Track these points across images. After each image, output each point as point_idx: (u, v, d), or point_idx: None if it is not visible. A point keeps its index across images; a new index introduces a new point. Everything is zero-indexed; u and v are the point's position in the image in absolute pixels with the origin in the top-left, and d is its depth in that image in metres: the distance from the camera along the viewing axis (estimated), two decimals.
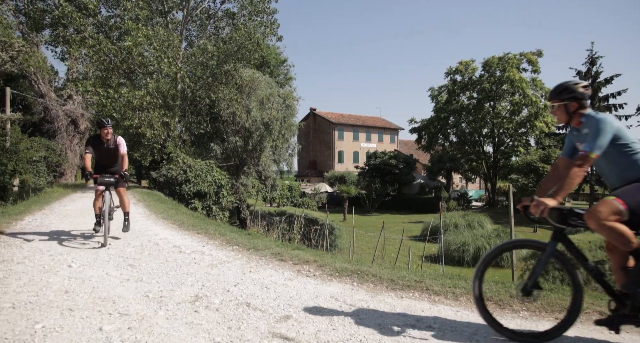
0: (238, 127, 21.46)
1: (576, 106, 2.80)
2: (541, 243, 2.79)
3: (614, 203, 2.55)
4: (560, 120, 2.89)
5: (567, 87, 2.81)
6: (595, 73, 28.80)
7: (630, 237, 2.52)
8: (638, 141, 2.72)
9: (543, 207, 2.57)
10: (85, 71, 20.99)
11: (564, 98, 2.80)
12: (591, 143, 2.62)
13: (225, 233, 6.54)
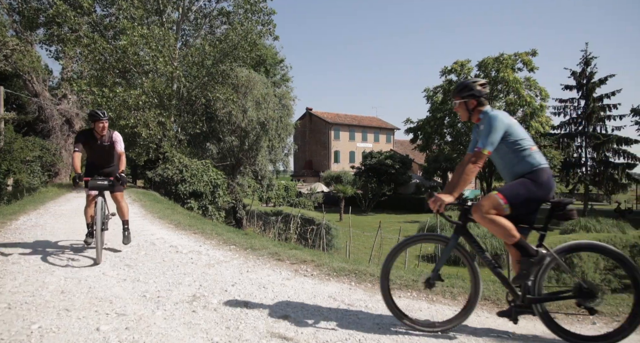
0: (234, 127, 21.41)
1: (475, 103, 2.90)
2: (444, 237, 2.94)
3: (495, 198, 2.69)
4: (462, 117, 3.00)
5: (466, 85, 2.92)
6: (589, 73, 28.99)
7: (511, 230, 2.68)
8: (529, 138, 2.84)
9: (440, 203, 2.68)
10: (80, 70, 20.85)
11: (464, 96, 2.91)
12: (484, 139, 2.73)
13: (222, 233, 6.52)
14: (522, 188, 2.69)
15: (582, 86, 29.27)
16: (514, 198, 2.67)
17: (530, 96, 34.65)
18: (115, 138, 4.92)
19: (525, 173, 2.75)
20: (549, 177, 2.73)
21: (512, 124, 2.79)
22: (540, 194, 2.69)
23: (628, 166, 27.88)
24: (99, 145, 4.84)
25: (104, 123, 4.74)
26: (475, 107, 2.91)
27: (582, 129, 29.45)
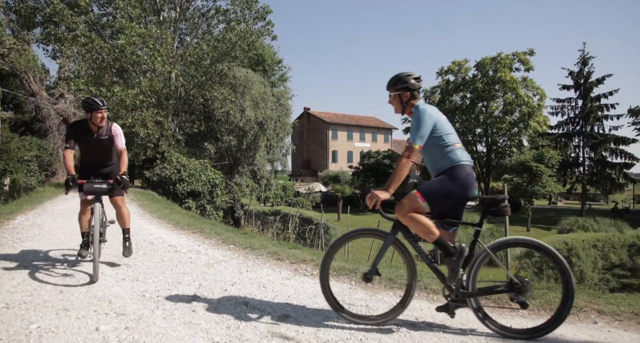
0: (232, 126, 21.37)
1: (408, 95, 2.93)
2: (383, 232, 3.00)
3: (414, 197, 2.76)
4: (397, 110, 3.02)
5: (400, 78, 2.93)
6: (587, 73, 29.06)
7: (430, 227, 2.74)
8: (454, 134, 2.88)
9: (375, 199, 2.73)
10: (77, 70, 20.74)
11: (398, 88, 2.93)
12: (413, 133, 2.76)
13: (221, 232, 6.49)
14: (438, 185, 2.76)
15: (579, 86, 29.34)
16: (431, 195, 2.74)
17: (527, 96, 34.79)
18: (115, 131, 4.13)
19: (445, 168, 2.81)
20: (468, 174, 2.77)
21: (439, 118, 2.83)
22: (457, 191, 2.73)
23: (625, 165, 27.96)
24: (95, 140, 4.06)
25: (102, 113, 3.98)
26: (408, 100, 2.94)
27: (580, 128, 29.52)
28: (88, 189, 3.85)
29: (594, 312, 3.17)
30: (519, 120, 35.23)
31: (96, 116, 3.96)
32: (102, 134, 4.08)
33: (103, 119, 4.01)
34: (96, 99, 3.95)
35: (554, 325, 2.66)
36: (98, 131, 4.07)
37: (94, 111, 3.94)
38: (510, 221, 12.56)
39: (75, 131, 4.04)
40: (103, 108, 3.97)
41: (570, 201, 43.54)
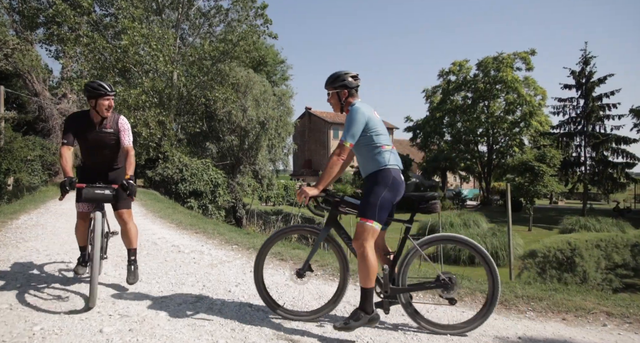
0: (234, 126, 21.37)
1: (346, 94, 2.91)
2: (315, 228, 3.08)
3: (364, 225, 2.70)
4: (335, 108, 2.99)
5: (338, 76, 2.92)
6: (589, 73, 28.94)
7: (372, 274, 2.71)
8: (386, 135, 2.87)
9: (305, 195, 2.74)
10: (80, 70, 20.78)
11: (336, 86, 2.91)
12: (345, 132, 2.75)
13: (224, 233, 6.48)
14: (374, 199, 2.72)
15: (581, 85, 29.22)
16: (374, 212, 2.70)
17: (529, 95, 34.73)
18: (122, 125, 3.47)
19: (372, 171, 2.82)
20: (394, 178, 2.78)
21: (372, 117, 2.82)
22: (389, 196, 2.75)
23: (627, 165, 27.86)
24: (98, 134, 3.39)
25: (109, 100, 3.34)
26: (346, 98, 2.92)
27: (582, 128, 29.41)
28: (88, 195, 3.15)
29: (603, 314, 3.13)
30: (520, 119, 35.16)
31: (102, 103, 3.29)
32: (107, 127, 3.41)
33: (110, 108, 3.35)
34: (102, 83, 3.33)
35: (480, 321, 2.77)
36: (102, 122, 3.40)
37: (100, 97, 3.29)
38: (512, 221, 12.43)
39: (75, 123, 3.35)
40: (111, 94, 3.33)
41: (571, 200, 43.39)
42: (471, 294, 3.65)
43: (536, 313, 3.20)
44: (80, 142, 3.44)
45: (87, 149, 3.47)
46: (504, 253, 15.52)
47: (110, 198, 3.25)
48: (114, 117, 3.46)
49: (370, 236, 2.70)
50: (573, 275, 9.53)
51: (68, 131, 3.33)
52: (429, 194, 2.85)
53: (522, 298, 3.48)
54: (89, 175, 3.49)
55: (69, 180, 3.09)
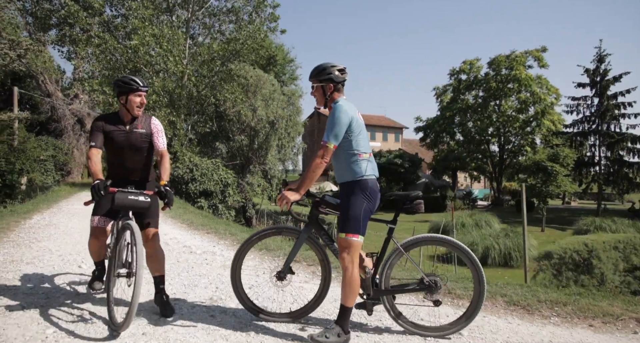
0: (244, 126, 21.38)
1: (332, 88, 2.75)
2: (295, 230, 3.00)
3: (348, 240, 2.60)
4: (319, 102, 2.84)
5: (324, 68, 2.74)
6: (603, 71, 28.46)
7: (355, 294, 2.66)
8: (365, 140, 2.74)
9: (286, 200, 2.61)
10: (91, 70, 20.99)
11: (322, 79, 2.74)
12: (328, 132, 2.61)
13: (236, 233, 6.43)
14: (354, 211, 2.61)
15: (595, 84, 28.73)
16: (358, 225, 2.60)
17: (543, 93, 34.23)
18: (155, 126, 3.13)
19: (348, 181, 2.68)
20: (371, 189, 2.67)
21: (355, 119, 2.67)
22: (368, 206, 2.65)
23: None
24: (128, 134, 3.02)
25: (142, 97, 3.00)
26: (332, 92, 2.76)
27: (596, 127, 28.93)
28: (120, 201, 2.69)
29: (633, 321, 3.00)
30: (532, 119, 34.70)
31: (134, 99, 2.95)
32: (138, 127, 3.06)
33: (142, 106, 3.01)
34: (135, 77, 2.98)
35: (465, 323, 2.74)
36: (132, 122, 3.05)
37: (132, 92, 2.94)
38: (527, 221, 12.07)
39: (104, 123, 2.98)
40: (143, 89, 2.97)
41: (584, 201, 42.77)
42: (457, 296, 3.61)
43: (561, 319, 3.08)
44: (108, 145, 3.02)
45: (116, 152, 3.04)
46: (517, 254, 15.32)
47: (145, 206, 2.80)
48: (145, 118, 3.12)
49: (356, 252, 2.63)
50: (590, 277, 9.30)
51: (97, 132, 2.96)
52: (413, 194, 2.79)
53: (545, 302, 3.36)
54: (117, 178, 3.05)
55: (102, 183, 2.65)
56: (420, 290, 2.80)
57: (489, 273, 12.00)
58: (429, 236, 2.94)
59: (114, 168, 3.10)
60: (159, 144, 3.09)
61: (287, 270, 2.89)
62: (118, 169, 3.08)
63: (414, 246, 2.86)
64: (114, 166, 3.10)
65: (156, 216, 3.11)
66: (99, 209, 3.03)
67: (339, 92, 2.78)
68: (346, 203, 2.64)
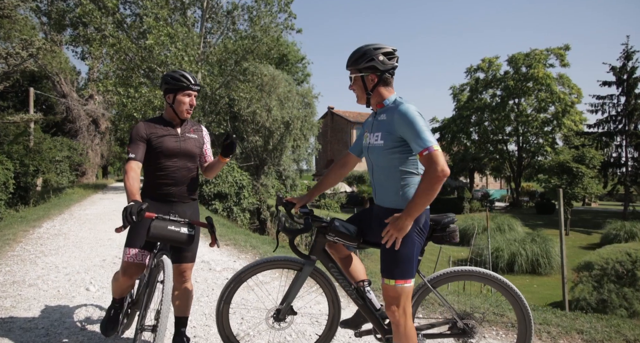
0: (258, 126, 21.01)
1: (375, 79, 2.04)
2: (296, 261, 2.35)
3: (400, 288, 2.01)
4: (359, 99, 2.12)
5: (364, 52, 2.01)
6: (631, 68, 27.37)
7: None
8: None
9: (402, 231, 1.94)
10: (105, 71, 20.84)
11: (362, 68, 2.02)
12: (422, 133, 1.87)
13: (257, 245, 5.94)
14: (406, 250, 1.99)
15: (622, 82, 27.65)
16: (411, 268, 2.01)
17: (564, 93, 33.19)
18: (205, 136, 2.69)
19: (400, 208, 2.01)
20: (427, 218, 2.08)
21: None
22: (420, 242, 2.05)
23: None
24: (180, 140, 2.50)
25: (192, 97, 2.49)
26: (376, 85, 2.04)
27: (623, 127, 27.84)
28: (157, 231, 2.11)
29: None
30: (552, 118, 33.69)
31: (182, 100, 2.44)
32: (191, 131, 2.57)
33: (191, 108, 2.50)
34: (187, 74, 2.46)
35: None
36: (182, 128, 2.55)
37: (181, 90, 2.43)
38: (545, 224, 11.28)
39: (147, 130, 2.42)
40: (195, 88, 2.47)
41: (604, 202, 41.51)
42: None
43: None
44: (152, 153, 2.42)
45: (162, 162, 2.44)
46: (545, 261, 14.64)
47: (185, 241, 2.19)
48: (193, 124, 2.63)
49: (409, 300, 2.06)
50: (634, 290, 8.66)
51: (138, 141, 2.37)
52: (447, 219, 2.17)
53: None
54: (157, 197, 2.45)
55: (137, 206, 2.00)
56: (452, 335, 2.30)
57: (516, 281, 11.39)
58: (464, 270, 2.33)
59: (154, 182, 2.46)
60: (210, 155, 2.67)
61: (287, 310, 2.34)
62: (159, 185, 2.46)
63: (444, 282, 2.33)
64: (154, 179, 2.46)
65: (196, 248, 2.56)
66: (136, 240, 2.38)
67: (387, 85, 2.07)
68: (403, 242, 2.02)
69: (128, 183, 2.23)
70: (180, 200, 2.50)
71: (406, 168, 2.03)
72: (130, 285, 2.54)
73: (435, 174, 1.83)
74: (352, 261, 2.40)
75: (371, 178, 2.19)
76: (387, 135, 2.01)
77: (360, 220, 2.33)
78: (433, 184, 1.84)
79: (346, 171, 2.43)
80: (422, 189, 1.87)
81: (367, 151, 2.15)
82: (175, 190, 2.47)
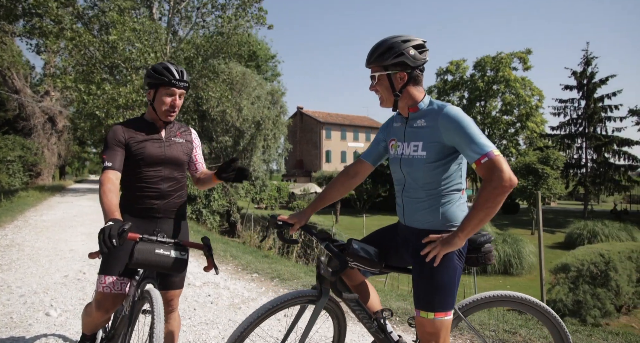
0: (228, 126, 20.45)
1: (405, 78, 1.70)
2: (309, 294, 1.87)
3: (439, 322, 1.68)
4: (384, 101, 1.76)
5: (391, 46, 1.67)
6: (590, 74, 28.52)
7: None
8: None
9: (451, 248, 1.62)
10: (63, 66, 19.59)
11: (388, 65, 1.68)
12: (478, 139, 1.56)
13: (238, 255, 5.50)
14: (449, 279, 1.67)
15: (582, 86, 28.79)
16: (451, 300, 1.69)
17: (528, 95, 34.37)
18: (195, 140, 2.27)
19: (438, 229, 1.70)
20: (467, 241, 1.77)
21: None
22: (460, 267, 1.72)
23: (630, 167, 27.54)
24: (164, 145, 2.10)
25: (176, 96, 2.03)
26: (405, 85, 1.71)
27: (583, 130, 28.99)
28: (143, 256, 1.71)
29: None
30: (516, 120, 34.78)
31: (163, 99, 2.01)
32: (177, 134, 2.17)
33: (174, 109, 2.04)
34: (172, 67, 2.01)
35: None
36: (168, 129, 2.14)
37: (163, 87, 2.00)
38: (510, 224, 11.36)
39: (126, 133, 2.01)
40: (181, 85, 2.02)
41: (562, 201, 43.19)
42: None
43: None
44: (133, 161, 2.00)
45: (145, 171, 2.03)
46: (516, 262, 14.85)
47: (175, 267, 1.77)
48: (181, 126, 2.22)
49: (448, 334, 1.73)
50: (607, 290, 8.80)
51: (114, 147, 1.96)
52: (483, 236, 1.85)
53: None
54: (138, 212, 2.04)
55: (117, 226, 1.56)
56: None
57: (490, 282, 11.35)
58: (500, 295, 2.00)
59: (135, 195, 2.04)
60: (201, 162, 2.27)
61: None
62: (141, 198, 2.03)
63: (476, 309, 2.01)
64: (134, 192, 2.04)
65: (181, 275, 2.11)
66: (114, 265, 1.95)
67: (417, 84, 1.73)
68: (429, 266, 1.68)
69: (105, 197, 1.78)
70: (166, 216, 2.09)
71: (450, 184, 1.71)
72: (105, 320, 2.09)
73: (500, 184, 1.50)
74: (367, 289, 2.05)
75: (399, 193, 1.84)
76: (431, 145, 1.67)
77: (381, 240, 1.98)
78: (497, 195, 1.51)
79: (357, 181, 2.04)
80: (484, 202, 1.53)
81: (400, 164, 1.79)
82: (160, 204, 2.06)
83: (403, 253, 1.88)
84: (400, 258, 1.90)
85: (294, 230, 2.00)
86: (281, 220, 1.99)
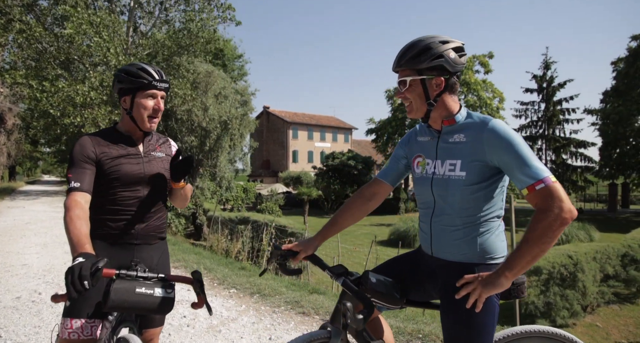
0: (194, 125, 19.81)
1: (442, 84, 1.46)
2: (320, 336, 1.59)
3: None
4: (416, 112, 1.50)
5: (427, 47, 1.43)
6: (550, 77, 29.68)
7: None
8: None
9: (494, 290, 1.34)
10: (13, 60, 18.29)
11: (423, 68, 1.44)
12: (532, 161, 1.32)
13: (213, 268, 5.12)
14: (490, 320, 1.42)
15: (542, 90, 29.94)
16: None
17: (489, 98, 35.40)
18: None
19: (474, 262, 1.46)
20: None
21: None
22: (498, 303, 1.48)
23: (587, 169, 28.87)
24: (143, 161, 1.78)
25: (158, 98, 1.74)
26: (441, 92, 1.47)
27: (543, 132, 30.14)
28: (121, 298, 1.37)
29: None
30: None
31: (144, 103, 1.70)
32: (156, 148, 1.86)
33: (157, 114, 1.75)
34: (148, 67, 1.71)
35: None
36: (145, 142, 1.83)
37: (142, 90, 1.70)
38: None
39: (95, 147, 1.67)
40: (162, 87, 1.73)
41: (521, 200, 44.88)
42: None
43: None
44: (105, 182, 1.67)
45: (120, 192, 1.70)
46: None
47: (160, 309, 1.44)
48: (158, 137, 1.89)
49: None
50: (575, 291, 9.02)
51: (82, 164, 1.61)
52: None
53: None
54: (111, 248, 1.69)
55: (89, 264, 1.25)
56: None
57: None
58: (530, 330, 1.72)
59: (107, 219, 1.69)
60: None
61: None
62: (115, 222, 1.69)
63: None
64: (107, 215, 1.69)
65: (162, 316, 1.83)
66: (83, 307, 1.60)
67: (453, 93, 1.49)
68: (464, 306, 1.40)
69: (71, 226, 1.42)
70: (145, 242, 1.76)
71: (491, 210, 1.45)
72: None
73: (560, 216, 1.26)
74: (381, 326, 1.80)
75: (425, 219, 1.57)
76: (472, 164, 1.41)
77: (400, 271, 1.71)
78: (555, 229, 1.26)
79: (374, 204, 1.76)
80: (539, 236, 1.28)
81: (432, 185, 1.52)
82: (138, 229, 1.73)
83: (427, 287, 1.63)
84: (423, 292, 1.65)
85: (298, 259, 1.72)
86: (285, 249, 1.71)
